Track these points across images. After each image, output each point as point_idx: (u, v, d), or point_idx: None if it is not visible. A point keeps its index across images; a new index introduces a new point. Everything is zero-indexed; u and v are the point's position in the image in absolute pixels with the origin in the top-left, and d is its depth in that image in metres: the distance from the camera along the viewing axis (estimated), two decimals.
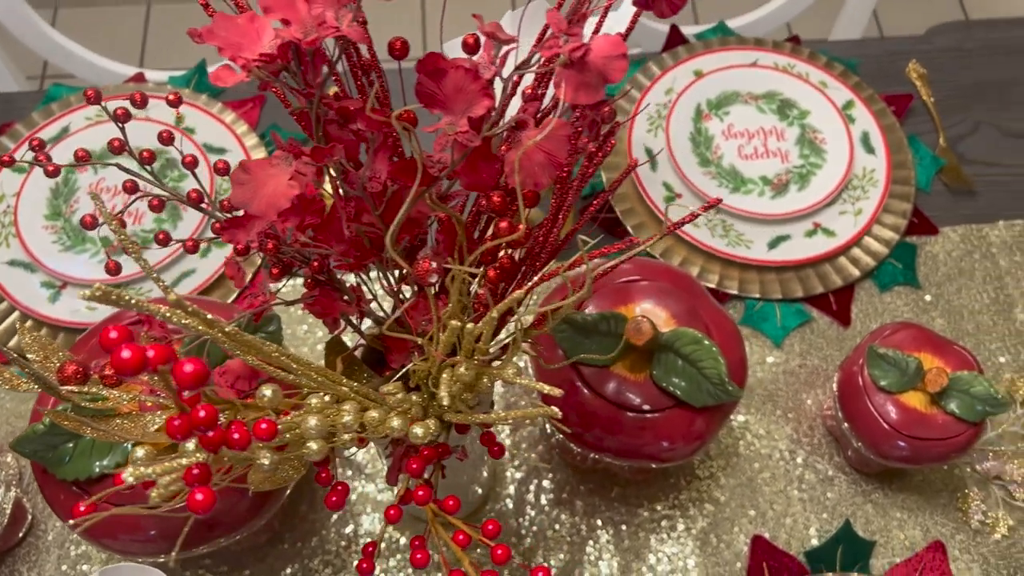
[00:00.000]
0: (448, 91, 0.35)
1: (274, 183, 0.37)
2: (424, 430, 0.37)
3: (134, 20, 2.05)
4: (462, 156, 0.37)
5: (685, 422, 0.63)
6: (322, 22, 0.33)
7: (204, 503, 0.26)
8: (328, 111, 0.38)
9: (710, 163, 0.87)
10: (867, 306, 0.83)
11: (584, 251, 0.37)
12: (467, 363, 0.37)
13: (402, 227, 0.44)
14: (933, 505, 0.74)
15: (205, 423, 0.26)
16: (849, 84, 0.92)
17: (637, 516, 0.74)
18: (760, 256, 0.82)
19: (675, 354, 0.62)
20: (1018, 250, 0.86)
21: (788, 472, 0.75)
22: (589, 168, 0.40)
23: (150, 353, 0.24)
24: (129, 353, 0.23)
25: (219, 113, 0.90)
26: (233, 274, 0.51)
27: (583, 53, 0.33)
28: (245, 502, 0.61)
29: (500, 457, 0.43)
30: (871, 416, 0.67)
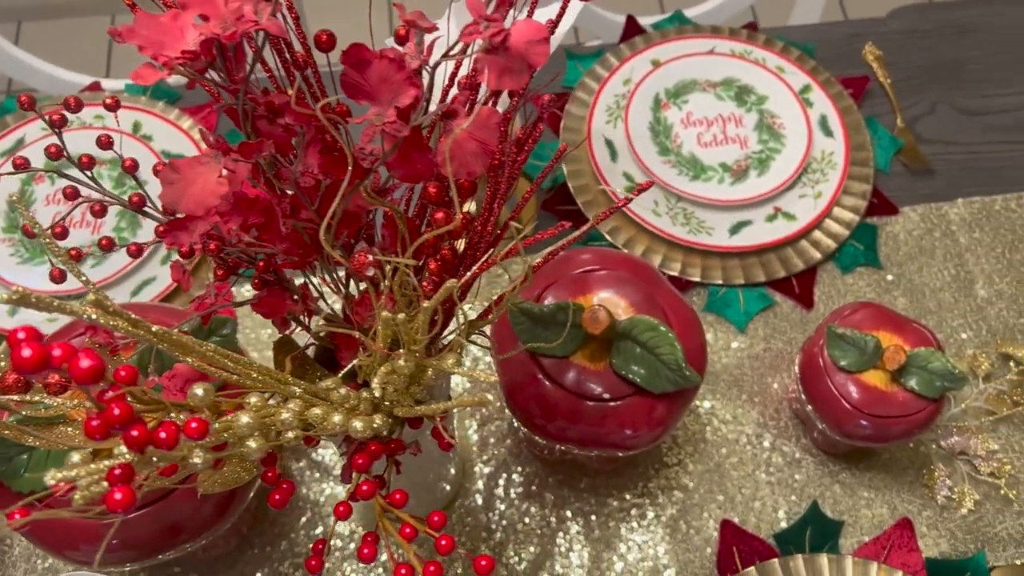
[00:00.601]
0: (373, 82, 0.35)
1: (203, 181, 0.37)
2: (364, 424, 0.37)
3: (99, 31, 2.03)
4: (393, 147, 0.37)
5: (646, 409, 0.63)
6: (240, 16, 0.33)
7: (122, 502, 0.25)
8: (257, 107, 0.38)
9: (670, 152, 0.87)
10: (830, 288, 0.83)
11: (518, 239, 0.36)
12: (406, 356, 0.37)
13: (341, 222, 0.43)
14: (900, 483, 0.75)
15: (121, 421, 0.25)
16: (806, 68, 0.92)
17: (607, 506, 0.74)
18: (722, 242, 0.83)
19: (633, 342, 0.62)
20: (977, 227, 0.86)
21: (756, 456, 0.76)
22: (519, 156, 0.40)
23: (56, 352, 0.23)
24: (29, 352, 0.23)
25: (176, 119, 0.89)
26: (179, 277, 0.50)
27: (503, 38, 0.33)
28: (208, 506, 0.61)
29: (448, 451, 0.43)
30: (832, 396, 0.68)
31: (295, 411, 0.38)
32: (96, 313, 0.30)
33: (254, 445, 0.36)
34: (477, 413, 0.78)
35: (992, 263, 0.84)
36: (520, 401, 0.65)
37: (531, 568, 0.71)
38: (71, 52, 1.94)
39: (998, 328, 0.81)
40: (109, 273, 0.81)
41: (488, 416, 0.78)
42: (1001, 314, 0.82)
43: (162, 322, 0.61)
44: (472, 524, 0.73)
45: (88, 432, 0.26)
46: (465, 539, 0.72)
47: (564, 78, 0.94)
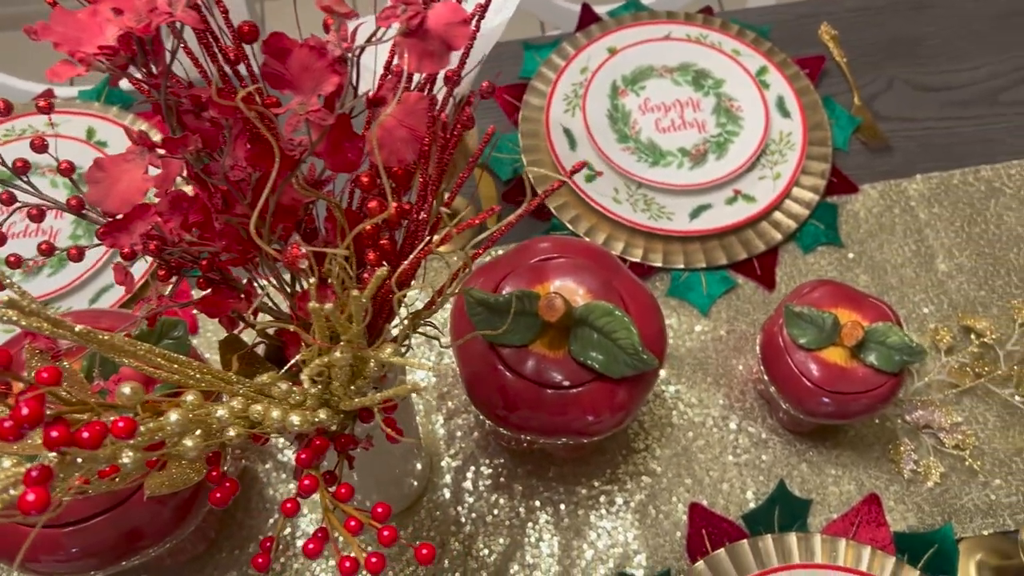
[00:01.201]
0: (294, 71, 0.35)
1: (128, 178, 0.37)
2: (302, 419, 0.37)
3: None
4: (320, 136, 0.37)
5: (607, 394, 0.63)
6: (153, 8, 0.33)
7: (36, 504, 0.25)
8: (181, 101, 0.37)
9: (628, 139, 0.87)
10: (791, 268, 0.83)
11: (450, 226, 0.36)
12: (343, 348, 0.37)
13: (277, 216, 0.43)
14: (866, 459, 0.75)
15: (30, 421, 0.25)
16: (762, 51, 0.92)
17: (575, 494, 0.74)
18: (682, 227, 0.83)
19: (590, 328, 0.62)
20: (936, 202, 0.87)
21: (723, 438, 0.76)
22: (450, 140, 0.40)
23: None
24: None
25: (131, 124, 0.88)
26: (121, 279, 0.50)
27: (420, 20, 0.32)
28: (168, 509, 0.61)
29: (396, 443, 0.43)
30: (793, 375, 0.68)
31: (234, 408, 0.38)
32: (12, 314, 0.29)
33: (190, 444, 0.35)
34: (444, 407, 0.77)
35: (951, 237, 0.85)
36: (481, 393, 0.65)
37: (501, 559, 0.71)
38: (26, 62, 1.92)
39: (959, 301, 0.82)
40: (67, 281, 0.80)
41: (455, 409, 0.77)
42: (962, 287, 0.82)
43: (114, 327, 0.61)
44: (441, 518, 0.73)
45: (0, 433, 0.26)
46: (434, 533, 0.72)
47: (522, 69, 0.94)
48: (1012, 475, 0.74)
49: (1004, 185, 0.88)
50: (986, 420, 0.76)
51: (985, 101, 0.93)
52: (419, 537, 0.72)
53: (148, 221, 0.46)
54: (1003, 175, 0.88)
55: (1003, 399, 0.77)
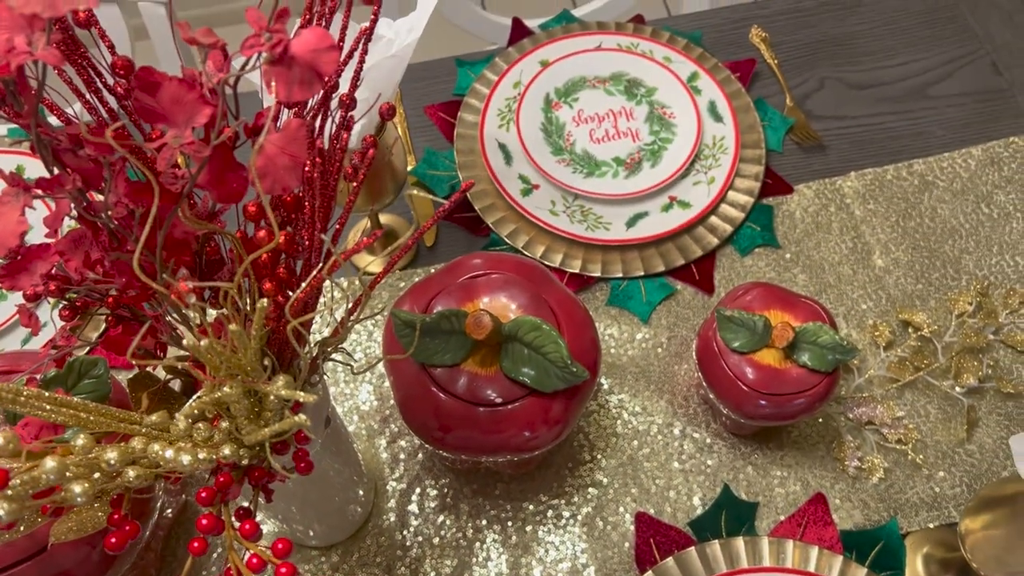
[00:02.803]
0: (165, 104, 0.34)
1: (4, 221, 0.36)
2: (190, 457, 0.36)
3: None
4: (199, 168, 0.36)
5: (541, 409, 0.62)
6: (10, 48, 0.32)
7: None
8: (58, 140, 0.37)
9: (563, 151, 0.87)
10: (729, 272, 0.83)
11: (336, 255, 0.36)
12: (231, 383, 0.36)
13: (171, 250, 0.42)
14: (811, 458, 0.75)
15: None
16: (693, 57, 0.93)
17: (523, 510, 0.73)
18: (619, 236, 0.83)
19: (520, 343, 0.61)
20: (871, 198, 0.87)
21: (667, 445, 0.76)
22: (331, 166, 0.40)
23: None
24: None
25: None
26: (26, 322, 0.49)
27: (284, 48, 0.32)
28: (97, 552, 0.59)
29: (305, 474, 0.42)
30: (729, 379, 0.68)
31: (132, 449, 0.37)
32: None
33: (78, 489, 0.35)
34: (386, 430, 0.77)
35: (887, 232, 0.85)
36: (416, 414, 0.64)
37: None
38: None
39: (897, 296, 0.82)
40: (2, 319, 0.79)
41: (398, 432, 0.77)
42: (899, 282, 0.83)
43: (12, 368, 0.59)
44: (387, 543, 0.72)
45: None
46: (381, 559, 0.71)
47: (456, 86, 0.93)
48: (955, 467, 0.74)
49: (937, 178, 0.88)
50: (927, 413, 0.77)
51: (916, 96, 0.94)
52: (365, 564, 0.71)
53: (49, 261, 0.45)
54: (935, 168, 0.89)
55: (943, 391, 0.77)
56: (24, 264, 0.45)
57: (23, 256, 0.45)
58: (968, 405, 0.76)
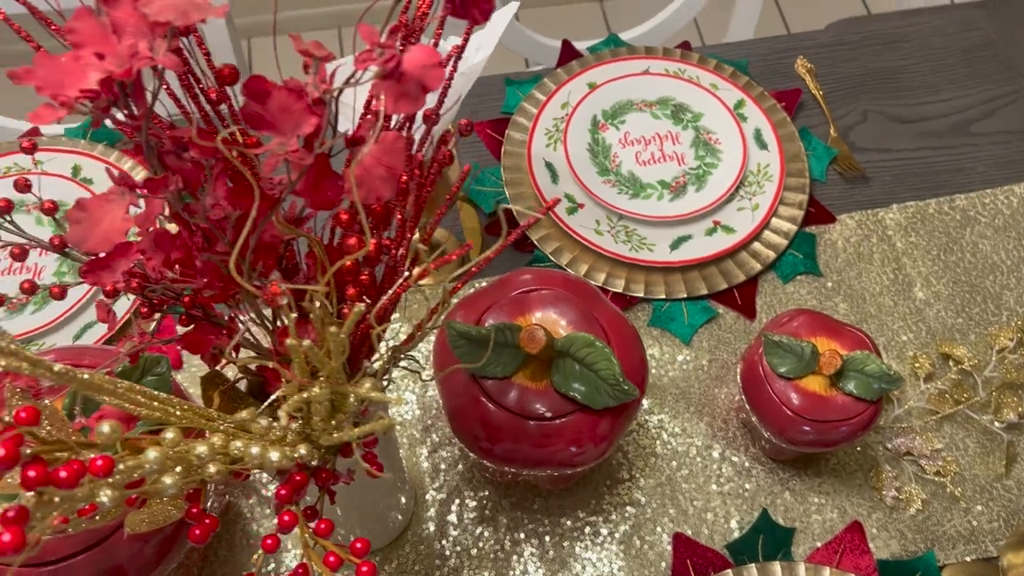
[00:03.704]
0: (274, 112, 0.36)
1: (110, 219, 0.37)
2: (281, 455, 0.37)
3: None
4: (299, 175, 0.37)
5: (589, 425, 0.63)
6: (134, 53, 0.33)
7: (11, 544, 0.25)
8: (161, 142, 0.38)
9: (609, 172, 0.88)
10: (771, 298, 0.84)
11: (428, 261, 0.37)
12: (320, 383, 0.37)
13: (258, 253, 0.44)
14: (849, 487, 0.75)
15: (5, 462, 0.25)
16: (739, 84, 0.94)
17: (560, 526, 0.74)
18: (663, 258, 0.84)
19: (572, 359, 0.62)
20: (912, 231, 0.88)
21: (706, 467, 0.76)
22: (428, 178, 0.41)
23: None
24: None
25: (117, 162, 0.89)
26: (103, 317, 0.50)
27: (396, 64, 0.33)
28: (150, 547, 0.60)
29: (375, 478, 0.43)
30: (774, 403, 0.68)
31: (215, 445, 0.38)
32: None
33: (169, 481, 0.36)
34: (428, 439, 0.77)
35: (928, 265, 0.86)
36: (464, 425, 0.65)
37: None
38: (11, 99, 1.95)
39: (937, 329, 0.83)
40: (52, 317, 0.80)
41: (439, 442, 0.77)
42: (939, 315, 0.83)
43: (96, 364, 0.61)
44: (426, 552, 0.72)
45: None
46: (419, 567, 0.72)
47: (504, 104, 0.95)
48: (992, 501, 0.75)
49: (979, 214, 0.89)
50: (966, 447, 0.77)
51: (958, 132, 0.95)
52: (404, 571, 0.72)
53: (130, 259, 0.47)
54: (977, 204, 0.90)
55: (982, 425, 0.77)
56: (108, 261, 0.46)
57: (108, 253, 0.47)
58: (1008, 440, 0.76)
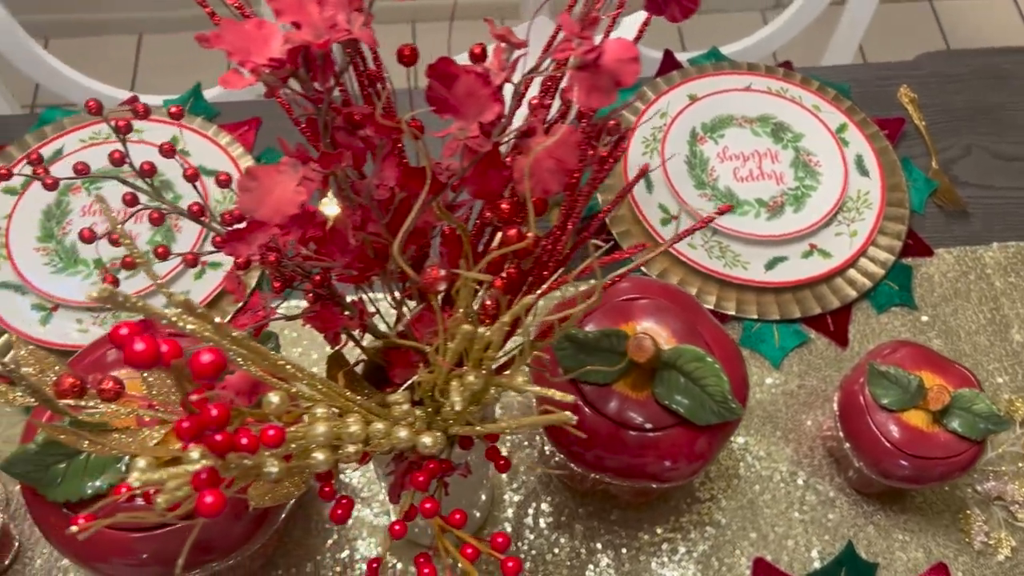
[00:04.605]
0: (459, 96, 0.35)
1: (281, 189, 0.37)
2: (433, 440, 0.36)
3: (125, 50, 2.05)
4: (472, 162, 0.37)
5: (687, 441, 0.62)
6: (333, 25, 0.33)
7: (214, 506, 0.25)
8: (336, 117, 0.38)
9: (706, 185, 0.87)
10: (864, 327, 0.83)
11: (595, 257, 0.36)
12: (475, 372, 0.37)
13: (408, 237, 0.43)
14: (935, 526, 0.73)
15: (217, 423, 0.25)
16: (842, 108, 0.93)
17: (637, 539, 0.73)
18: (757, 277, 0.82)
19: (677, 372, 0.61)
20: (1013, 271, 0.86)
21: (789, 494, 0.75)
22: (600, 173, 0.40)
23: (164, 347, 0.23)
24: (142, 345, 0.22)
25: (215, 135, 0.90)
26: (233, 288, 0.50)
27: (596, 56, 0.33)
28: (240, 524, 0.60)
29: (505, 471, 0.43)
30: (873, 435, 0.67)
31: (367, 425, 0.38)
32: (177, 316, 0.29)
33: (321, 457, 0.35)
34: (509, 439, 0.77)
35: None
36: (560, 427, 0.64)
37: None
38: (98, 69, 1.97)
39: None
40: (137, 288, 0.81)
41: (519, 443, 0.77)
42: None
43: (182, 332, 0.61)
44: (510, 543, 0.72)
45: (178, 433, 0.26)
46: (493, 568, 0.71)
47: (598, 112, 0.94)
48: None
49: None
50: None
51: None
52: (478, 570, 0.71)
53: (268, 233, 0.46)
54: None
55: None
56: (246, 233, 0.46)
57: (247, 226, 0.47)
58: None
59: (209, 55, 2.08)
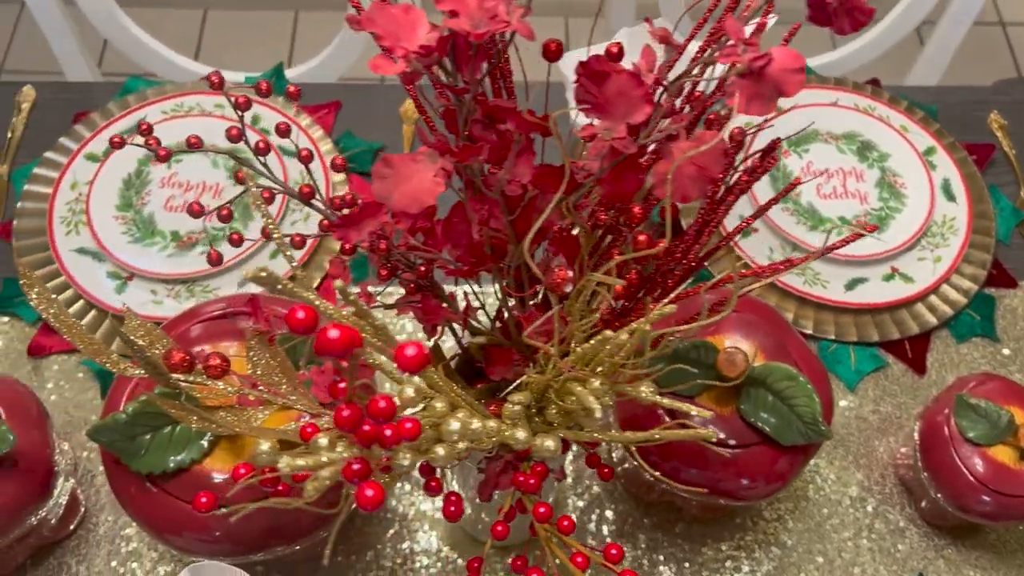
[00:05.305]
0: (609, 95, 0.34)
1: (418, 179, 0.36)
2: (556, 444, 0.36)
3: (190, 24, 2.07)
4: (612, 163, 0.36)
5: (769, 460, 0.61)
6: (494, 15, 0.32)
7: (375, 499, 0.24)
8: (476, 109, 0.37)
9: (788, 199, 0.85)
10: (943, 356, 0.81)
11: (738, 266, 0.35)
12: (602, 378, 0.36)
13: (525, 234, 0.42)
14: (1008, 565, 0.72)
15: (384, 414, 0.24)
16: (930, 130, 0.91)
17: (701, 555, 0.72)
18: (837, 297, 0.81)
19: (766, 389, 0.60)
20: None
21: (858, 520, 0.73)
22: (747, 183, 0.39)
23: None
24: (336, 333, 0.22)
25: (296, 116, 0.89)
26: (338, 273, 0.50)
27: (764, 63, 0.32)
28: (312, 512, 0.60)
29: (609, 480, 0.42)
30: (955, 468, 0.65)
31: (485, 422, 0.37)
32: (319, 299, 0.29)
33: (442, 452, 0.35)
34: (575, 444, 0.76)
35: None
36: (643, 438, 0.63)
37: None
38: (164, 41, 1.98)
39: None
40: None
41: None
42: None
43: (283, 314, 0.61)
44: None
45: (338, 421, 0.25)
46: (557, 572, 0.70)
47: None
48: None
49: None
50: None
51: None
52: None
53: (379, 220, 0.46)
54: None
55: None
56: (358, 219, 0.46)
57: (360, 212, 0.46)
58: None
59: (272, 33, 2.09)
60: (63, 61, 1.13)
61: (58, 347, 0.77)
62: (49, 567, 0.69)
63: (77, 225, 0.82)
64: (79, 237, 0.81)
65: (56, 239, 0.81)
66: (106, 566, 0.69)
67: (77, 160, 0.85)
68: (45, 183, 0.85)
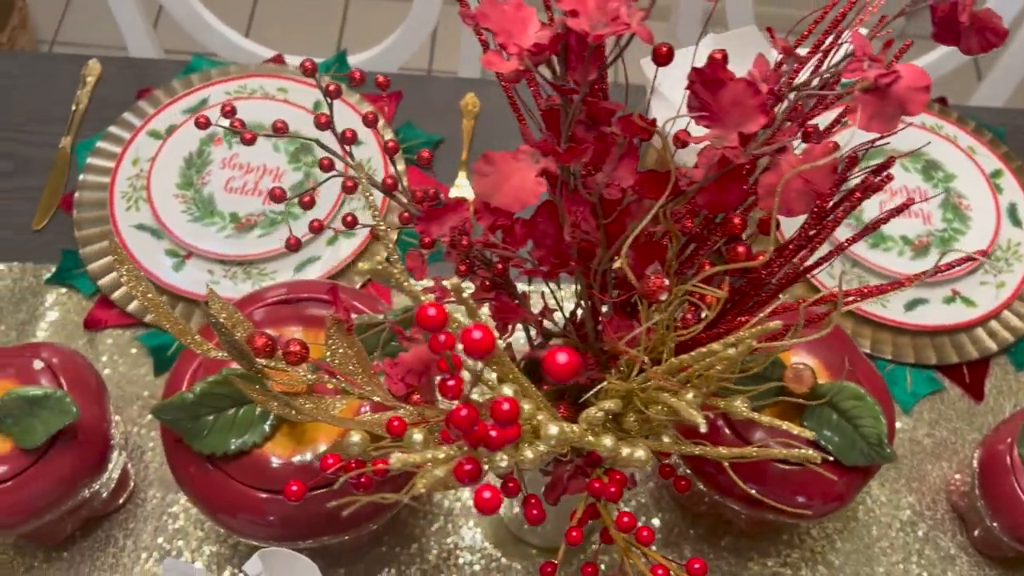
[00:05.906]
0: (724, 103, 0.34)
1: (520, 177, 0.36)
2: (647, 454, 0.35)
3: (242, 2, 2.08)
4: (719, 172, 0.35)
5: (828, 480, 0.60)
6: (615, 17, 0.32)
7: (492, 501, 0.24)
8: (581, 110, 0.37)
9: (852, 216, 0.84)
10: (1001, 382, 0.79)
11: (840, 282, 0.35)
12: (695, 390, 0.36)
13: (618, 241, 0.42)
14: None
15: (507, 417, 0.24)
16: (998, 153, 0.89)
17: (747, 569, 0.71)
18: (896, 317, 0.80)
19: (832, 408, 0.59)
20: None
21: (907, 544, 0.72)
22: (856, 201, 0.38)
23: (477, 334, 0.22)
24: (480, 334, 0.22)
25: (357, 104, 0.89)
26: (415, 266, 0.49)
27: (891, 81, 0.31)
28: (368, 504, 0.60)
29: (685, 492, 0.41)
30: (1016, 497, 0.64)
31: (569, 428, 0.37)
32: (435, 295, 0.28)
33: (530, 455, 0.34)
34: None
35: None
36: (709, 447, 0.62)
37: None
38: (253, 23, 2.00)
39: None
40: (270, 248, 0.81)
41: None
42: None
43: (372, 308, 0.60)
44: (608, 562, 0.70)
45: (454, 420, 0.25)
46: None
47: None
48: None
49: None
50: None
51: None
52: None
53: (460, 216, 0.46)
54: None
55: None
56: (441, 213, 0.46)
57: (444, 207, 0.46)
58: None
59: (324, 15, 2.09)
60: (125, 32, 1.13)
61: (114, 321, 0.78)
62: (97, 539, 0.70)
63: (137, 201, 0.83)
64: (139, 213, 0.82)
65: (116, 214, 0.82)
66: (152, 541, 0.70)
67: (140, 136, 0.86)
68: (108, 157, 0.85)
